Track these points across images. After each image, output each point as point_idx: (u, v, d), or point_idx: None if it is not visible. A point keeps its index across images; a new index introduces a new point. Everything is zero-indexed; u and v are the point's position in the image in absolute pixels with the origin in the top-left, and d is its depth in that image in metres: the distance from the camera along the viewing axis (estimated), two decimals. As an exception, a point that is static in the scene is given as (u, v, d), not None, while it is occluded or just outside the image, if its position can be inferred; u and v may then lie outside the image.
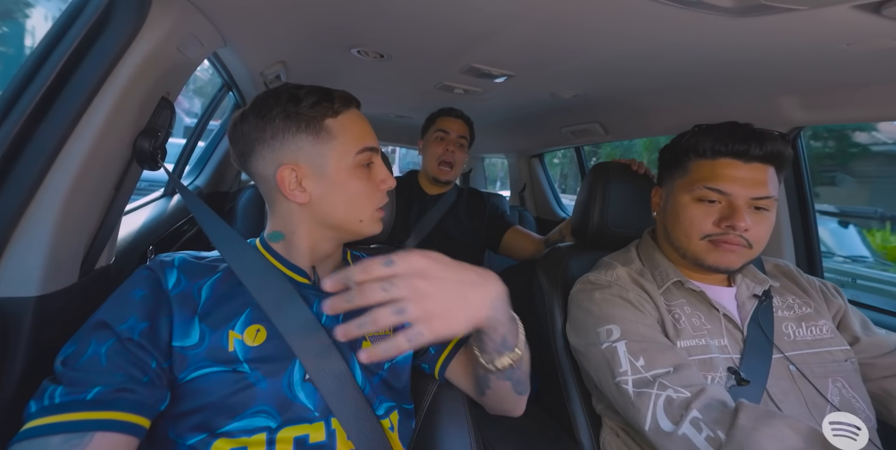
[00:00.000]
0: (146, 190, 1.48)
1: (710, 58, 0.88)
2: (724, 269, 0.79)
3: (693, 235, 0.79)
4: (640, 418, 0.67)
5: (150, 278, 0.60)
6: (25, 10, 6.66)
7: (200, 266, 0.64)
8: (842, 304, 0.87)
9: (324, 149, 0.63)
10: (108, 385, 0.51)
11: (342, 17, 0.89)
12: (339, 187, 0.64)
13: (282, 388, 0.58)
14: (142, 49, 0.68)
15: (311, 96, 0.63)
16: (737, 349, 0.77)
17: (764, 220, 0.77)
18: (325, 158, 0.63)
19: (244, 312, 0.61)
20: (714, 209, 0.78)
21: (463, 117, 1.56)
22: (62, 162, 0.64)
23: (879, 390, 0.78)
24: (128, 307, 0.57)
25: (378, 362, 0.65)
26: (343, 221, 0.65)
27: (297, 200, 0.64)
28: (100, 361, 0.52)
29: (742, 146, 0.76)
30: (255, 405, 0.57)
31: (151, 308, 0.57)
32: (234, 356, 0.58)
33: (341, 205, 0.64)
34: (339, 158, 0.63)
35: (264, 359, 0.58)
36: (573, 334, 0.85)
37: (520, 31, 0.85)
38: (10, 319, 0.60)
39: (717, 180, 0.77)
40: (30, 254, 0.62)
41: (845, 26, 0.65)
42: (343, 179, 0.63)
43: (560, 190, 2.68)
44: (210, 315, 0.59)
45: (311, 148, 0.63)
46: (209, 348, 0.57)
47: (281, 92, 0.64)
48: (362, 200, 0.65)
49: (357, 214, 0.65)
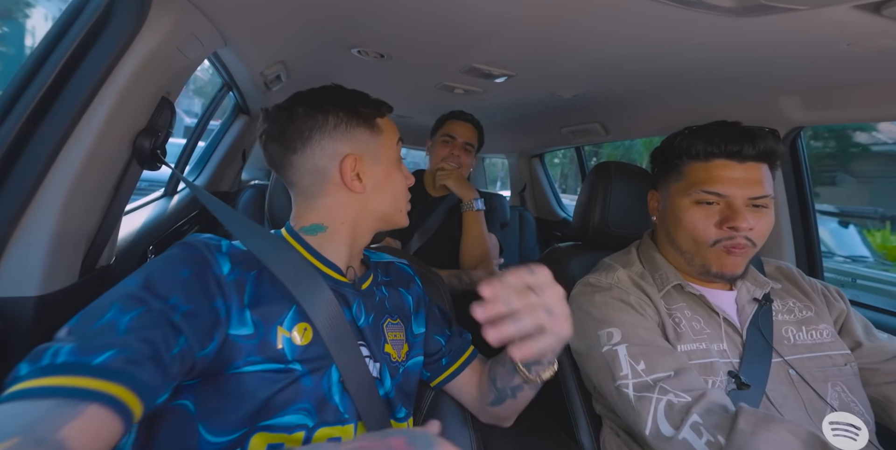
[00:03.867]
0: (146, 190, 1.48)
1: (710, 58, 0.88)
2: (729, 276, 0.79)
3: (703, 242, 0.78)
4: (641, 422, 0.67)
5: (197, 260, 0.55)
6: (26, 10, 6.66)
7: (247, 255, 0.59)
8: (844, 308, 0.86)
9: (378, 141, 0.68)
10: (124, 351, 0.43)
11: (342, 17, 0.89)
12: (388, 178, 0.69)
13: (322, 388, 0.58)
14: (142, 49, 0.69)
15: (366, 96, 0.69)
16: (736, 353, 0.77)
17: (764, 217, 0.77)
18: (380, 148, 0.68)
19: (291, 309, 0.58)
20: (714, 211, 0.77)
21: (472, 121, 1.54)
22: (62, 162, 0.64)
23: (880, 395, 0.78)
24: (171, 284, 0.50)
25: (396, 368, 0.67)
26: (390, 210, 0.70)
27: (356, 189, 0.65)
28: (116, 328, 0.44)
29: (735, 146, 0.75)
30: (298, 402, 0.56)
31: (199, 291, 0.52)
32: (282, 354, 0.56)
33: (389, 195, 0.69)
34: (389, 149, 0.69)
35: (310, 359, 0.58)
36: (573, 336, 0.85)
37: (520, 31, 0.85)
38: (10, 319, 0.60)
39: (713, 183, 0.76)
40: (30, 254, 0.62)
41: (845, 26, 0.65)
42: (390, 171, 0.69)
43: (560, 190, 2.68)
44: (258, 307, 0.56)
45: (369, 139, 0.67)
46: (260, 342, 0.55)
47: (335, 89, 0.69)
48: (402, 191, 0.71)
49: (399, 203, 0.71)
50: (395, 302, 0.73)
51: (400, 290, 0.76)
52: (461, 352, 0.79)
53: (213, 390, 0.53)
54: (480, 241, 1.47)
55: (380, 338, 0.67)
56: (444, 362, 0.77)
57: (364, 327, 0.64)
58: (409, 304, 0.76)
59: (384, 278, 0.76)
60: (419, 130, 2.03)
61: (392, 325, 0.70)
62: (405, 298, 0.76)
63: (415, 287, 0.79)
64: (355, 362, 0.60)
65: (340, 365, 0.59)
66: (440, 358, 0.77)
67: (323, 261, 0.65)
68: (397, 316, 0.72)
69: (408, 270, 0.81)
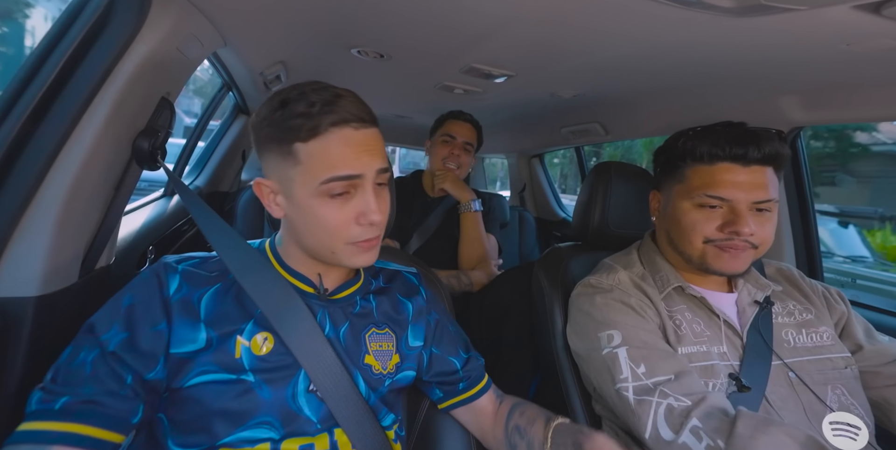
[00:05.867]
0: (146, 190, 1.48)
1: (710, 58, 0.88)
2: (729, 273, 0.78)
3: (696, 240, 0.78)
4: (641, 425, 0.67)
5: (148, 283, 0.58)
6: (25, 11, 6.67)
7: (202, 276, 0.61)
8: (844, 310, 0.85)
9: (290, 172, 0.56)
10: (76, 396, 0.50)
11: (342, 17, 0.89)
12: (305, 213, 0.57)
13: (285, 399, 0.58)
14: (142, 49, 0.69)
15: (299, 104, 0.55)
16: (736, 356, 0.76)
17: (767, 221, 0.76)
18: (292, 181, 0.57)
19: (252, 319, 0.59)
20: (716, 214, 0.76)
21: (472, 121, 1.54)
22: (62, 162, 0.64)
23: (880, 398, 0.77)
24: (114, 315, 0.56)
25: (380, 380, 0.65)
26: (315, 249, 0.60)
27: (274, 213, 0.61)
28: (85, 369, 0.52)
29: (740, 150, 0.74)
30: (257, 416, 0.56)
31: (137, 317, 0.55)
32: (239, 364, 0.56)
33: (309, 232, 0.59)
34: (303, 184, 0.56)
35: (270, 369, 0.58)
36: (574, 338, 0.85)
37: (519, 31, 0.85)
38: (10, 319, 0.60)
39: (716, 187, 0.75)
40: (30, 254, 0.62)
41: (845, 26, 0.65)
42: (307, 206, 0.57)
43: (560, 190, 2.68)
44: (216, 321, 0.58)
45: (280, 167, 0.57)
46: (216, 353, 0.56)
47: (280, 94, 0.58)
48: (330, 231, 0.57)
49: (326, 244, 0.59)
50: (386, 311, 0.70)
51: (399, 298, 0.72)
52: (479, 379, 0.76)
53: (176, 404, 0.56)
54: (478, 242, 1.47)
55: (359, 348, 0.64)
56: (460, 387, 0.74)
57: (331, 338, 0.62)
58: (408, 314, 0.72)
59: (381, 286, 0.73)
60: (418, 131, 2.03)
61: (378, 335, 0.67)
62: (404, 307, 0.72)
63: (418, 299, 0.75)
64: (328, 367, 0.59)
65: (310, 371, 0.58)
66: (457, 381, 0.74)
67: (288, 270, 0.64)
68: (386, 326, 0.68)
69: (413, 280, 0.77)
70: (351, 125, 0.56)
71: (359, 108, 0.57)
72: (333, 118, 0.55)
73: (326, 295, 0.65)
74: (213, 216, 0.66)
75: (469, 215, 1.47)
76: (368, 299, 0.69)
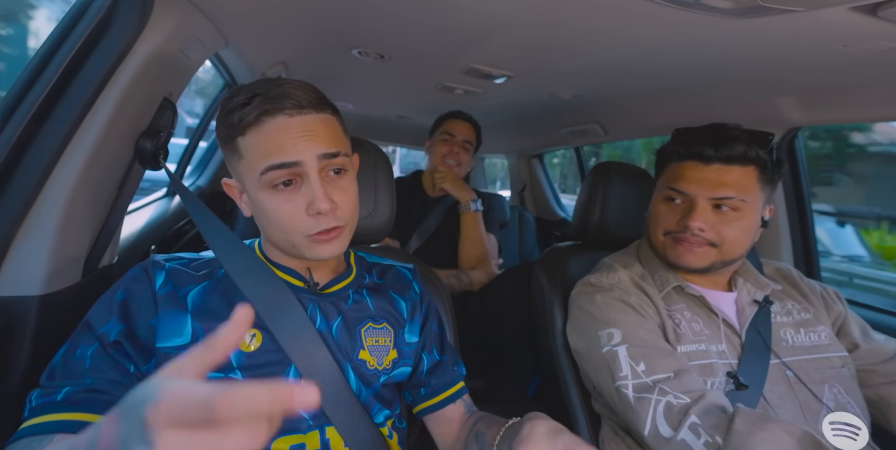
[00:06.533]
0: (149, 190, 1.48)
1: (708, 59, 0.89)
2: (684, 267, 0.80)
3: (658, 232, 0.83)
4: (640, 422, 0.68)
5: (137, 279, 0.58)
6: (29, 12, 6.66)
7: (188, 274, 0.61)
8: (842, 310, 0.86)
9: (238, 168, 0.58)
10: (78, 386, 0.50)
11: (343, 18, 0.89)
12: (258, 208, 0.58)
13: None
14: (144, 50, 0.69)
15: (239, 98, 0.55)
16: (734, 355, 0.77)
17: (731, 221, 0.76)
18: (242, 177, 0.58)
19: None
20: (678, 208, 0.80)
21: (471, 121, 1.56)
22: (65, 162, 0.64)
23: (876, 396, 0.78)
24: (109, 310, 0.56)
25: (375, 376, 0.64)
26: (279, 243, 0.60)
27: (245, 212, 0.62)
28: (84, 362, 0.52)
29: (697, 149, 0.78)
30: None
31: (131, 310, 0.56)
32: (227, 362, 0.56)
33: (269, 226, 0.59)
34: (249, 178, 0.56)
35: (258, 366, 0.57)
36: (574, 336, 0.86)
37: (519, 32, 0.86)
38: (14, 318, 0.61)
39: (678, 181, 0.80)
40: (33, 253, 0.63)
41: (842, 28, 0.66)
42: (258, 201, 0.57)
43: (560, 190, 2.69)
44: (203, 314, 0.57)
45: (233, 165, 0.59)
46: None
47: (230, 92, 0.58)
48: (284, 223, 0.57)
49: (285, 238, 0.58)
50: (383, 306, 0.69)
51: (392, 294, 0.71)
52: (447, 387, 0.71)
53: None
54: (478, 242, 1.48)
55: (353, 343, 0.64)
56: (423, 393, 0.70)
57: (322, 331, 0.61)
58: (403, 310, 0.71)
59: (374, 282, 0.72)
60: (418, 131, 2.03)
61: (375, 330, 0.66)
62: (397, 304, 0.71)
63: (411, 294, 0.73)
64: (318, 362, 0.59)
65: (300, 366, 0.58)
66: (419, 385, 0.70)
67: (279, 267, 0.64)
68: (384, 321, 0.67)
69: (407, 275, 0.76)
70: (284, 112, 0.55)
71: (298, 95, 0.55)
72: (266, 107, 0.54)
73: (317, 289, 0.65)
74: (211, 218, 0.67)
75: (469, 215, 1.48)
76: (362, 294, 0.68)
